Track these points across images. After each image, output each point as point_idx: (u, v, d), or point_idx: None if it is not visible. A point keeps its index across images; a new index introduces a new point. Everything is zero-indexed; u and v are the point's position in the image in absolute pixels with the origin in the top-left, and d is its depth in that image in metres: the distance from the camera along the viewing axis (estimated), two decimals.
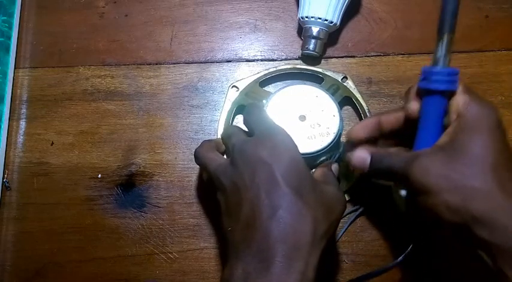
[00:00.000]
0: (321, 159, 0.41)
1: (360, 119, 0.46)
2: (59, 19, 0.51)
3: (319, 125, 0.39)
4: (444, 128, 0.32)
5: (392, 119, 0.36)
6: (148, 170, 0.46)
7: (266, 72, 0.48)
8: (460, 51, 0.49)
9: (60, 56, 0.50)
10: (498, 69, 0.48)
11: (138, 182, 0.45)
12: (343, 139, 0.45)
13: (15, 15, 0.51)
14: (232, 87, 0.48)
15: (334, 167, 0.37)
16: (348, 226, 0.43)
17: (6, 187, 0.45)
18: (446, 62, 0.32)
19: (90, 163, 0.46)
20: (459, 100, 0.31)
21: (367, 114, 0.46)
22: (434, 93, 0.32)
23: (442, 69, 0.31)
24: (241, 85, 0.47)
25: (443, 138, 0.31)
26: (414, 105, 0.33)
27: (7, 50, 0.49)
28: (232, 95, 0.47)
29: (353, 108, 0.47)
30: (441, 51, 0.31)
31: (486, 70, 0.48)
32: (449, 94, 0.32)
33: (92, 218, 0.44)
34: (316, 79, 0.48)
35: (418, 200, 0.30)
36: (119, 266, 0.43)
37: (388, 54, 0.49)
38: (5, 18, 0.49)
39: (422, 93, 0.33)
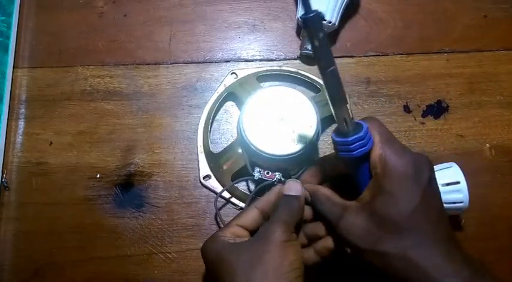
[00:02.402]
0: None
1: None
2: (58, 19, 0.51)
3: (293, 132, 0.38)
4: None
5: (333, 169, 0.36)
6: (147, 170, 0.46)
7: (269, 68, 0.48)
8: (459, 51, 0.49)
9: (59, 56, 0.50)
10: (497, 69, 0.48)
11: (137, 181, 0.45)
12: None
13: (14, 15, 0.51)
14: (232, 73, 0.48)
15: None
16: None
17: (5, 187, 0.45)
18: (350, 128, 0.30)
19: (88, 163, 0.46)
20: (375, 156, 0.31)
21: None
22: (355, 159, 0.31)
23: (348, 139, 0.30)
24: (241, 74, 0.48)
25: (366, 193, 0.31)
26: (340, 166, 0.34)
27: (6, 49, 0.49)
28: (229, 81, 0.47)
29: None
30: (342, 121, 0.30)
31: (485, 70, 0.48)
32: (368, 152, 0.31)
33: (91, 217, 0.44)
34: (315, 88, 0.48)
35: (350, 250, 0.32)
36: (118, 265, 0.43)
37: (387, 54, 0.49)
38: (4, 18, 0.49)
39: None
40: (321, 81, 0.47)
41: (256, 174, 0.41)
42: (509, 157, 0.46)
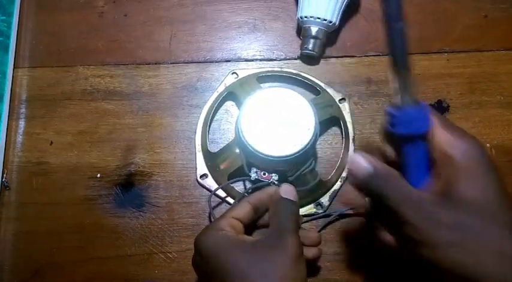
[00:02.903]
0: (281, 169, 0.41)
1: (343, 142, 0.46)
2: (58, 19, 0.51)
3: (291, 134, 0.38)
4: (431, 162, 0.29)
5: (381, 156, 0.32)
6: (148, 170, 0.46)
7: (269, 68, 0.48)
8: (459, 51, 0.49)
9: (59, 56, 0.50)
10: (497, 69, 0.48)
11: (137, 181, 0.45)
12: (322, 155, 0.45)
13: (14, 15, 0.51)
14: (233, 73, 0.48)
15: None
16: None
17: (5, 187, 0.45)
18: (411, 100, 0.28)
19: (89, 163, 0.46)
20: (441, 138, 0.28)
21: (350, 141, 0.46)
22: (410, 137, 0.29)
23: (408, 111, 0.28)
24: (241, 74, 0.48)
25: (439, 183, 0.28)
26: (389, 151, 0.31)
27: (6, 49, 0.49)
28: (230, 80, 0.48)
29: (340, 130, 0.47)
30: (402, 91, 0.28)
31: (485, 70, 0.48)
32: (426, 132, 0.29)
33: (91, 217, 0.44)
34: (315, 90, 0.48)
35: (418, 251, 0.27)
36: (118, 265, 0.43)
37: (387, 54, 0.49)
38: (4, 17, 0.49)
39: (396, 136, 0.30)
40: (321, 84, 0.47)
41: (253, 175, 0.41)
42: (509, 157, 0.46)
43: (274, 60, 0.49)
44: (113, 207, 0.44)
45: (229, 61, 0.49)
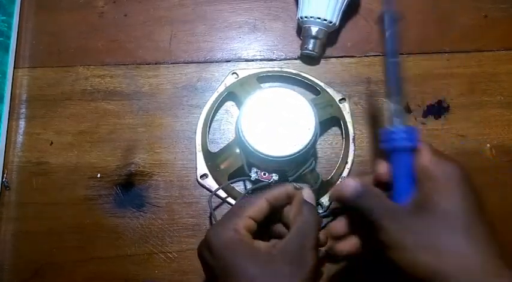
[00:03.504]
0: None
1: (343, 142, 0.46)
2: (58, 19, 0.51)
3: (291, 134, 0.38)
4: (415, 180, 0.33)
5: (372, 181, 0.36)
6: (148, 170, 0.46)
7: (270, 68, 0.48)
8: (459, 51, 0.49)
9: (59, 56, 0.50)
10: (497, 69, 0.48)
11: (137, 181, 0.45)
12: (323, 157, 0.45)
13: (14, 15, 0.51)
14: (233, 73, 0.48)
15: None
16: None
17: (5, 187, 0.45)
18: (402, 120, 0.33)
19: (89, 163, 0.46)
20: (425, 159, 0.32)
21: (350, 141, 0.46)
22: (398, 150, 0.33)
23: (399, 128, 0.33)
24: (242, 74, 0.48)
25: (418, 196, 0.32)
26: (381, 168, 0.35)
27: (6, 49, 0.49)
28: (230, 81, 0.48)
29: (340, 130, 0.47)
30: (395, 112, 0.33)
31: (485, 70, 0.48)
32: (413, 149, 0.33)
33: (91, 217, 0.44)
34: (315, 90, 0.48)
35: (389, 254, 0.31)
36: (118, 265, 0.43)
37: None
38: (5, 18, 0.49)
39: (388, 153, 0.34)
40: (321, 84, 0.47)
41: (253, 175, 0.41)
42: (509, 157, 0.46)
43: (274, 60, 0.49)
44: (113, 207, 0.44)
45: (229, 61, 0.49)
